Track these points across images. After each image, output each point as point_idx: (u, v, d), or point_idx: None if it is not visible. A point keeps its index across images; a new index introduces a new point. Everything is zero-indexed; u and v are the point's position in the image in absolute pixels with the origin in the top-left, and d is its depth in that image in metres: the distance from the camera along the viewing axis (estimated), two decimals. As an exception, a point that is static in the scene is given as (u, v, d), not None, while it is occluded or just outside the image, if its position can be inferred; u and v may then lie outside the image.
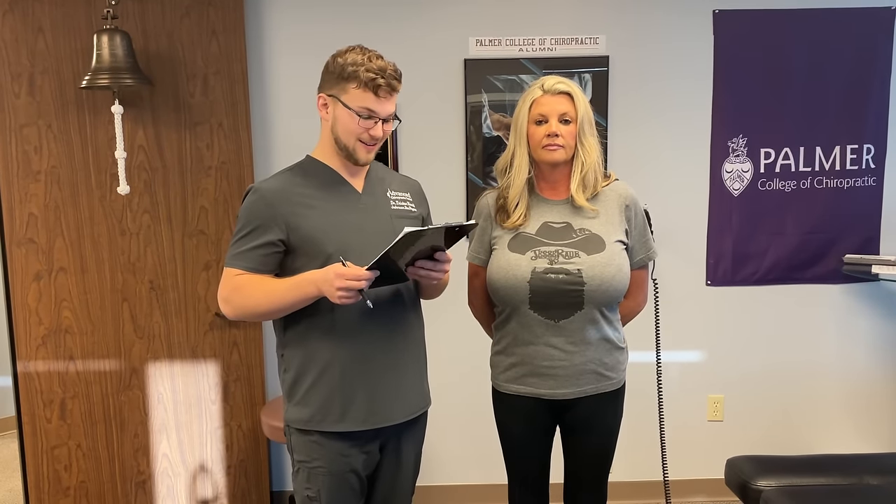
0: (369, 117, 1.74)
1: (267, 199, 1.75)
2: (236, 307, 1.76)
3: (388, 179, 1.93)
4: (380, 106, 1.74)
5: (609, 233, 1.97)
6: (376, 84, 1.71)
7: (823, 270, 3.20)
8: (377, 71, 1.71)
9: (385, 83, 1.72)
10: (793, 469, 2.51)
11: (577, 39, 3.06)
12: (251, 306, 1.75)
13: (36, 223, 2.77)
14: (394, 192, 1.90)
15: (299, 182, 1.80)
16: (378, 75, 1.71)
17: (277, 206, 1.75)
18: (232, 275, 1.75)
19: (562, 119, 1.94)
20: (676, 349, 3.22)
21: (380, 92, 1.72)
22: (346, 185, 1.83)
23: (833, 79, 3.10)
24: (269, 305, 1.73)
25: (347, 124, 1.75)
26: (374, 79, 1.71)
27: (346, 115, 1.74)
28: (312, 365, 1.79)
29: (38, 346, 2.82)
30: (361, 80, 1.70)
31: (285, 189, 1.78)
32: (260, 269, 1.75)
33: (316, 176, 1.82)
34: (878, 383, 3.28)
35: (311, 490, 1.82)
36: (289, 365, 1.83)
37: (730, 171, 3.15)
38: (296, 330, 1.80)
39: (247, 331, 2.92)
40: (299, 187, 1.79)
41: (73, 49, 2.72)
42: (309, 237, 1.75)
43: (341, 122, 1.76)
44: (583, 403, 2.00)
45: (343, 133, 1.77)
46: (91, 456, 2.90)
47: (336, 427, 1.78)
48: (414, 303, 1.90)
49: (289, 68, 3.03)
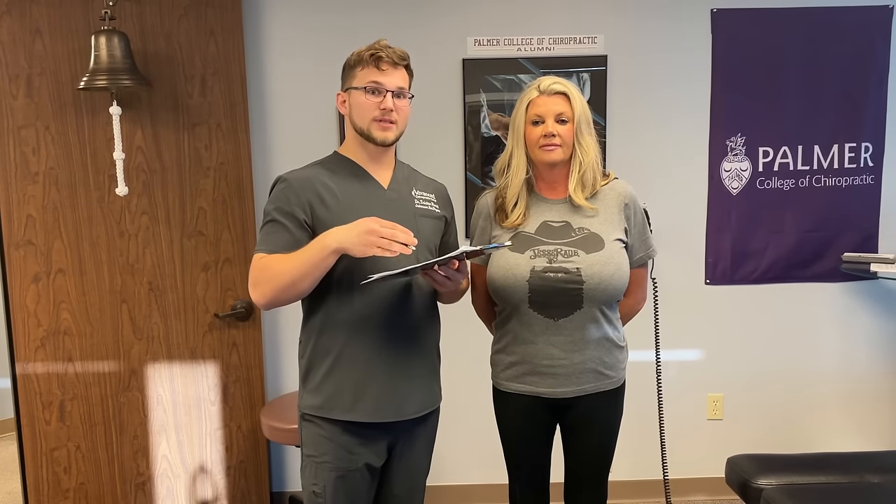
0: (376, 91, 1.78)
1: (293, 187, 1.79)
2: (264, 287, 1.74)
3: (414, 179, 1.96)
4: (384, 77, 1.79)
5: (608, 231, 1.97)
6: (377, 57, 1.78)
7: (822, 269, 3.21)
8: (376, 48, 1.80)
9: (385, 56, 1.79)
10: (793, 467, 2.51)
11: (576, 39, 3.06)
12: (277, 278, 1.72)
13: (34, 225, 2.77)
14: (419, 192, 1.93)
15: (325, 174, 1.84)
16: (377, 50, 1.79)
17: (302, 194, 1.78)
18: (258, 259, 1.77)
19: (558, 119, 1.95)
20: (676, 348, 3.22)
21: (381, 64, 1.78)
22: (371, 180, 1.86)
23: (831, 77, 3.10)
24: (293, 270, 1.70)
25: (360, 105, 1.80)
26: (374, 53, 1.79)
27: (357, 97, 1.80)
28: (327, 353, 1.81)
29: (36, 348, 2.82)
30: (363, 59, 1.80)
31: (311, 178, 1.82)
32: (286, 250, 1.75)
33: (341, 169, 1.86)
34: (878, 381, 3.29)
35: (317, 486, 1.83)
36: (304, 351, 1.87)
37: (728, 169, 3.15)
38: (315, 317, 1.83)
39: (246, 331, 2.91)
40: (325, 179, 1.83)
41: (71, 50, 2.72)
42: (330, 226, 1.75)
43: (355, 107, 1.82)
44: (583, 402, 2.00)
45: (358, 116, 1.82)
46: (90, 458, 2.89)
47: (346, 416, 1.80)
48: (430, 303, 1.91)
49: (287, 69, 3.03)
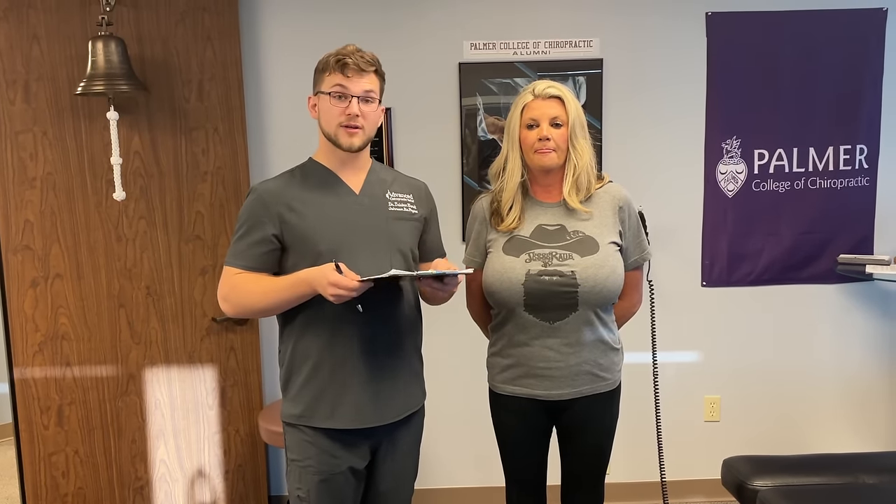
0: (341, 96, 1.78)
1: (263, 199, 1.80)
2: (234, 304, 1.81)
3: (390, 180, 1.95)
4: (349, 83, 1.78)
5: (603, 234, 1.98)
6: (343, 63, 1.78)
7: (818, 271, 3.21)
8: (343, 53, 1.78)
9: (352, 62, 1.77)
10: (789, 469, 2.52)
11: (571, 42, 3.07)
12: (249, 304, 1.80)
13: (32, 230, 2.78)
14: (394, 193, 1.91)
15: (297, 182, 1.85)
16: (344, 56, 1.78)
17: (272, 206, 1.79)
18: (231, 273, 1.81)
19: (553, 123, 1.96)
20: (672, 350, 3.23)
21: (347, 71, 1.77)
22: (342, 186, 1.86)
23: (826, 80, 3.11)
24: (266, 303, 1.78)
25: (326, 110, 1.80)
26: (340, 59, 1.78)
27: (324, 102, 1.80)
28: (304, 361, 1.82)
29: (34, 353, 2.82)
30: (330, 64, 1.79)
31: (281, 189, 1.82)
32: (257, 267, 1.79)
33: (313, 176, 1.86)
34: (874, 382, 3.29)
35: (301, 490, 1.83)
36: (283, 359, 1.88)
37: (724, 172, 3.16)
38: (292, 326, 1.83)
39: (244, 335, 2.92)
40: (296, 187, 1.83)
41: (69, 56, 2.72)
42: (301, 235, 1.78)
43: (323, 112, 1.82)
44: (579, 404, 2.01)
45: (325, 121, 1.82)
46: (88, 462, 2.90)
47: (325, 424, 1.81)
48: (413, 303, 1.91)
49: (283, 73, 3.04)
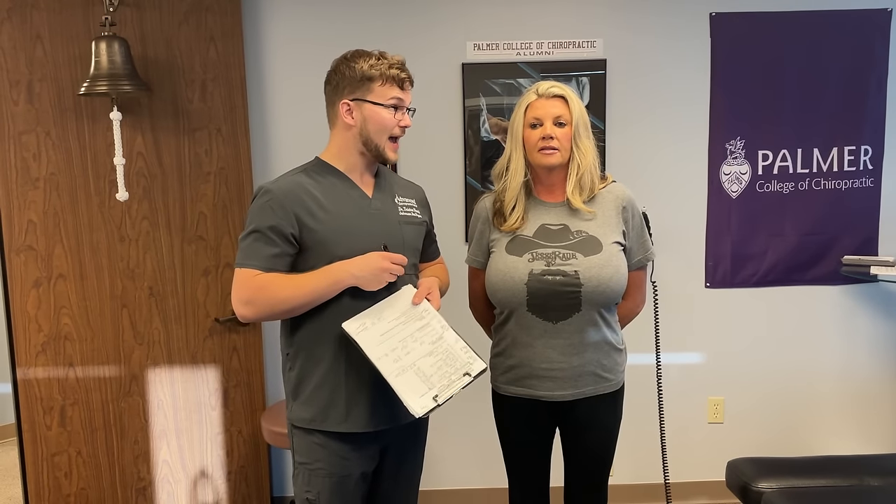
0: (397, 108, 1.81)
1: (279, 200, 1.76)
2: (261, 306, 1.74)
3: (396, 185, 1.96)
4: (406, 96, 1.84)
5: (606, 234, 1.97)
6: (401, 78, 1.81)
7: (822, 272, 3.20)
8: (399, 66, 1.82)
9: (407, 76, 1.82)
10: (793, 470, 2.51)
11: (575, 43, 3.07)
12: (280, 301, 1.73)
13: (35, 230, 2.78)
14: (401, 199, 1.92)
15: (311, 184, 1.81)
16: (399, 69, 1.81)
17: (289, 206, 1.76)
18: (250, 276, 1.74)
19: (556, 122, 1.95)
20: (676, 351, 3.22)
21: (405, 84, 1.83)
22: (356, 190, 1.85)
23: (830, 80, 3.10)
24: (301, 298, 1.73)
25: (381, 120, 1.80)
26: (398, 73, 1.81)
27: (378, 112, 1.80)
28: (318, 365, 1.80)
29: (37, 353, 2.82)
30: (386, 76, 1.79)
31: (296, 190, 1.79)
32: (275, 268, 1.75)
33: (326, 178, 1.83)
34: (878, 384, 3.28)
35: (310, 493, 1.83)
36: (294, 364, 1.84)
37: (728, 173, 3.15)
38: (304, 330, 1.81)
39: (246, 336, 2.92)
40: (311, 189, 1.80)
41: (72, 56, 2.73)
42: (321, 239, 1.76)
43: (373, 121, 1.80)
44: (582, 405, 2.00)
45: (375, 131, 1.81)
46: (91, 463, 2.90)
47: (339, 427, 1.79)
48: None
49: (287, 73, 3.04)
